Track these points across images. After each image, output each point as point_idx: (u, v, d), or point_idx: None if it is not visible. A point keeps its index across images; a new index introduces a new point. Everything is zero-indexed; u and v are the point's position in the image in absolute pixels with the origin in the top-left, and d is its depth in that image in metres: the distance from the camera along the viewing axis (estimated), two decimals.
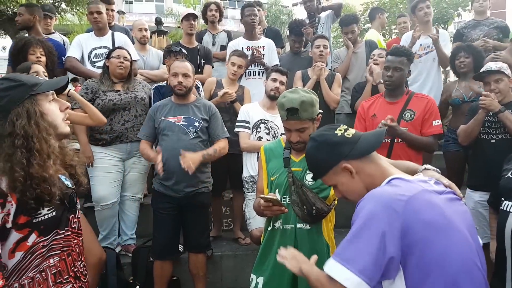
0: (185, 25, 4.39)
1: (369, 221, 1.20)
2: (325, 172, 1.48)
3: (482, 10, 4.67)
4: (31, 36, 3.40)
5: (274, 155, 2.18)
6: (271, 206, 1.92)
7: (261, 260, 2.13)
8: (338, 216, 4.06)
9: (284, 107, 1.98)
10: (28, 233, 1.38)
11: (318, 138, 1.50)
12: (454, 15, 18.30)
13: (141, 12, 26.05)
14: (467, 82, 3.70)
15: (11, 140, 1.33)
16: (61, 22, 13.44)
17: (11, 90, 1.37)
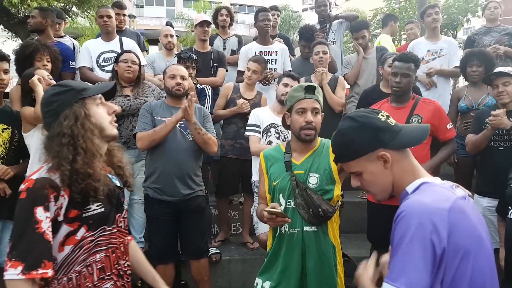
0: (199, 31, 4.42)
1: (418, 236, 1.10)
2: (356, 157, 1.34)
3: (494, 17, 4.68)
4: (37, 41, 3.43)
5: (275, 160, 2.18)
6: (275, 218, 1.91)
7: (269, 265, 2.12)
8: (346, 221, 4.08)
9: (302, 87, 2.09)
10: (78, 227, 1.46)
11: (360, 119, 1.34)
12: (463, 21, 18.22)
13: (151, 16, 26.31)
14: (477, 89, 3.70)
15: (59, 139, 1.45)
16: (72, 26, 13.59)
17: (62, 94, 1.50)
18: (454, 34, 18.37)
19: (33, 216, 1.34)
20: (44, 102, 1.53)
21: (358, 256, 3.57)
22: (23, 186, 1.39)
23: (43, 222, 1.35)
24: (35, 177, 1.41)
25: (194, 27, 4.61)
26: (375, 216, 2.97)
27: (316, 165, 2.08)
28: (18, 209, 1.37)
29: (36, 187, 1.38)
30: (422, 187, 1.27)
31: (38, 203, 1.36)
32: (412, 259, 1.09)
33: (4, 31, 11.72)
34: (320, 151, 2.14)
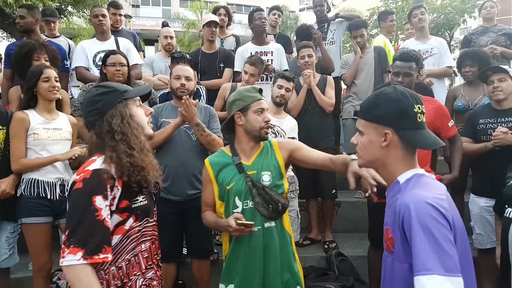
0: (206, 32, 4.39)
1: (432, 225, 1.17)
2: (371, 120, 1.39)
3: (490, 17, 4.69)
4: (34, 40, 3.38)
5: (223, 164, 2.20)
6: (243, 229, 2.00)
7: (229, 267, 2.18)
8: (343, 221, 4.13)
9: (255, 88, 2.22)
10: (127, 217, 1.58)
11: (400, 95, 1.36)
12: (459, 21, 18.29)
13: (148, 16, 26.22)
14: (474, 88, 3.71)
15: (111, 136, 1.58)
16: (68, 26, 13.55)
17: (105, 95, 1.63)
18: (450, 34, 18.44)
19: (92, 204, 1.44)
20: (88, 101, 1.64)
21: (355, 255, 3.59)
22: (78, 177, 1.48)
23: (102, 210, 1.45)
24: (92, 167, 1.51)
25: (202, 27, 4.58)
26: (377, 217, 2.97)
27: (266, 163, 2.17)
28: (75, 198, 1.46)
29: (94, 177, 1.48)
30: (414, 178, 1.34)
31: (97, 191, 1.46)
32: (437, 243, 1.14)
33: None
34: (267, 150, 2.22)
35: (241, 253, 2.12)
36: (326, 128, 3.90)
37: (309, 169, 3.94)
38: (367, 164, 1.47)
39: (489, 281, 3.11)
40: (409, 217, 1.20)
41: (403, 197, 1.28)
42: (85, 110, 1.65)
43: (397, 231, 1.26)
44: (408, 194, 1.28)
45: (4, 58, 4.11)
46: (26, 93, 2.77)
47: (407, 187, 1.33)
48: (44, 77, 2.74)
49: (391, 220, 1.32)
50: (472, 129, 3.14)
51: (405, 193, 1.30)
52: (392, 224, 1.31)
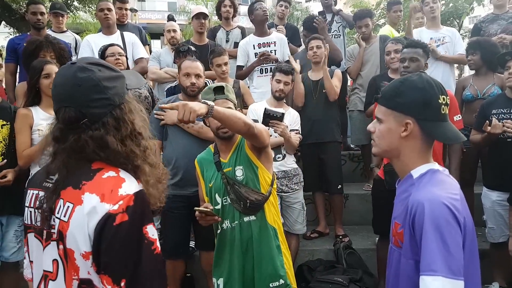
0: (195, 24, 4.38)
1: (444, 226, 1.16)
2: (392, 107, 1.33)
3: (501, 3, 4.59)
4: (43, 37, 3.40)
5: (207, 162, 2.28)
6: (204, 216, 2.04)
7: (217, 262, 2.25)
8: (351, 213, 4.11)
9: (211, 88, 2.18)
10: None
11: (426, 84, 1.30)
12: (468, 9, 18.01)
13: (153, 9, 26.21)
14: (483, 77, 3.66)
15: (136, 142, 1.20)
16: (74, 21, 13.56)
17: (115, 80, 1.19)
18: (459, 23, 18.17)
19: (145, 237, 1.08)
20: (95, 85, 1.14)
21: (363, 248, 3.58)
22: (116, 207, 1.06)
23: (157, 240, 1.11)
24: (133, 191, 1.11)
25: (191, 20, 4.56)
26: (381, 208, 2.95)
27: (239, 158, 2.20)
28: (123, 236, 1.05)
29: (139, 203, 1.10)
30: (429, 174, 1.30)
31: (146, 220, 1.11)
32: (445, 245, 1.13)
33: (6, 27, 11.72)
34: (239, 144, 2.23)
35: (226, 247, 2.19)
36: (331, 120, 3.85)
37: (314, 162, 3.98)
38: (382, 153, 1.42)
39: (501, 273, 3.09)
40: (421, 215, 1.18)
41: (417, 193, 1.25)
42: (86, 97, 1.13)
43: (407, 227, 1.24)
44: (422, 191, 1.24)
45: (7, 52, 4.13)
46: (30, 90, 2.79)
47: (421, 183, 1.29)
48: (45, 74, 2.75)
49: (402, 215, 1.29)
50: (484, 120, 3.06)
51: (419, 189, 1.27)
52: (402, 219, 1.28)
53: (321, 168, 3.80)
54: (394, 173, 2.74)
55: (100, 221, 1.04)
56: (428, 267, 1.13)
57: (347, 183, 4.11)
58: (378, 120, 1.38)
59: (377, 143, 1.40)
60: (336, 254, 3.51)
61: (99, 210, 1.05)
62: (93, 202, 1.06)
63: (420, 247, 1.17)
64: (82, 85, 1.13)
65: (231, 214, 2.16)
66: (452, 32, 4.51)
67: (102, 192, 1.07)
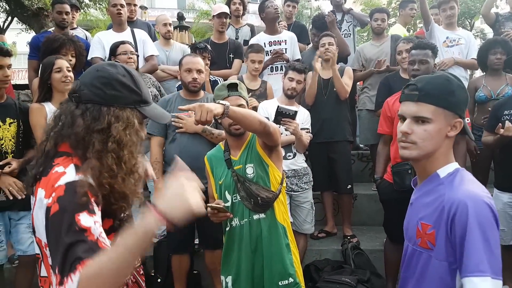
0: (216, 23, 4.36)
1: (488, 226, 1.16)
2: (445, 106, 1.27)
3: None
4: (65, 35, 3.43)
5: (217, 160, 2.27)
6: (216, 213, 2.02)
7: (226, 260, 2.25)
8: (359, 214, 4.08)
9: (224, 85, 2.16)
10: (114, 238, 1.26)
11: (463, 85, 1.35)
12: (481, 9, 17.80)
13: (163, 7, 26.21)
14: (496, 78, 3.61)
15: (104, 138, 1.22)
16: (85, 18, 13.64)
17: (127, 89, 1.26)
18: (471, 23, 17.98)
19: (77, 225, 1.07)
20: (104, 77, 1.24)
21: (371, 249, 3.55)
22: (50, 200, 1.10)
23: (91, 228, 1.09)
24: (64, 182, 1.13)
25: (212, 17, 4.56)
26: (391, 209, 2.93)
27: (250, 156, 2.18)
28: (56, 226, 1.07)
29: (69, 192, 1.11)
30: (459, 173, 1.30)
31: (78, 209, 1.10)
32: (489, 245, 1.13)
33: (18, 24, 11.84)
34: (251, 141, 2.22)
35: (235, 245, 2.19)
36: (341, 119, 3.82)
37: (323, 161, 3.95)
38: (422, 157, 1.31)
39: (510, 275, 3.05)
40: (465, 215, 1.16)
41: (454, 192, 1.22)
42: (92, 80, 1.25)
43: (443, 228, 1.21)
44: (460, 190, 1.22)
45: (31, 49, 4.17)
46: (42, 86, 2.81)
47: (453, 182, 1.26)
48: (56, 68, 2.76)
49: (434, 215, 1.25)
50: (496, 121, 3.01)
51: (454, 188, 1.24)
52: (434, 220, 1.25)
53: (331, 168, 3.77)
54: (403, 174, 2.75)
55: (45, 214, 1.11)
56: (476, 267, 1.12)
57: (355, 183, 4.08)
58: (422, 120, 1.28)
59: (420, 145, 1.28)
60: (344, 255, 3.49)
61: (43, 204, 1.12)
62: (41, 196, 1.14)
63: (460, 247, 1.16)
64: (99, 71, 1.26)
65: (241, 212, 2.15)
66: (467, 35, 4.46)
67: (46, 187, 1.14)
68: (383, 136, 3.18)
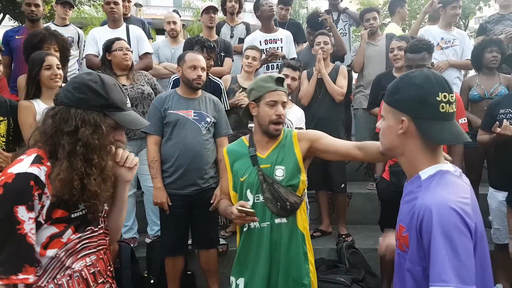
0: (205, 18, 4.33)
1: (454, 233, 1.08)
2: (389, 103, 1.30)
3: (507, 3, 4.55)
4: (45, 30, 3.38)
5: (239, 155, 2.13)
6: (244, 216, 1.89)
7: (240, 261, 2.12)
8: (354, 213, 4.07)
9: (273, 78, 2.03)
10: (64, 228, 1.34)
11: (423, 80, 1.23)
12: (475, 9, 17.93)
13: (159, 5, 26.10)
14: (490, 77, 3.62)
15: (72, 142, 1.30)
16: (79, 15, 13.55)
17: (93, 93, 1.34)
18: (465, 23, 18.08)
19: (13, 215, 1.20)
20: (76, 83, 1.36)
21: (366, 248, 3.54)
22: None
23: (25, 223, 1.22)
24: (16, 171, 1.25)
25: (200, 15, 4.53)
26: (388, 206, 2.92)
27: (281, 157, 2.05)
28: None
29: (16, 183, 1.23)
30: (438, 176, 1.22)
31: (19, 201, 1.22)
32: (457, 253, 1.06)
33: (11, 21, 11.72)
34: (284, 143, 2.09)
35: (252, 247, 2.06)
36: (336, 119, 3.81)
37: (317, 160, 3.91)
38: (385, 151, 1.37)
39: (505, 274, 3.05)
40: (429, 222, 1.11)
41: (424, 196, 1.18)
42: (68, 85, 1.37)
43: (413, 233, 1.17)
44: (430, 195, 1.17)
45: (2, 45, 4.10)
46: (30, 83, 2.75)
47: (430, 185, 1.21)
48: (46, 65, 2.71)
49: (407, 218, 1.22)
50: (491, 120, 3.01)
51: (426, 192, 1.19)
52: (408, 223, 1.22)
53: (325, 167, 3.76)
54: (400, 174, 2.74)
55: None
56: (438, 277, 1.06)
57: (350, 182, 4.07)
58: (382, 117, 1.35)
59: (381, 141, 1.37)
60: (338, 254, 3.48)
61: None
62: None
63: (429, 254, 1.10)
64: (75, 78, 1.40)
65: (262, 214, 2.01)
66: (462, 36, 4.47)
67: (3, 171, 1.28)
68: None
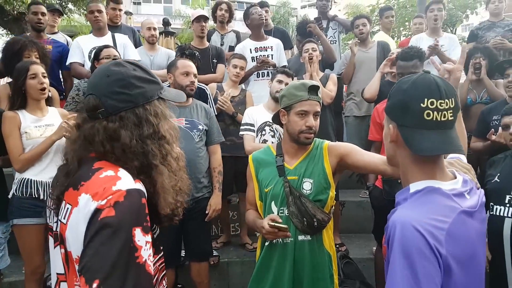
0: (196, 27, 4.30)
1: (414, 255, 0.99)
2: (385, 110, 1.22)
3: (498, 12, 4.61)
4: (25, 37, 3.33)
5: (265, 163, 2.03)
6: (276, 232, 1.78)
7: (259, 276, 2.00)
8: (347, 221, 4.02)
9: (306, 86, 1.90)
10: None
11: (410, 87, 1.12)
12: (462, 17, 18.19)
13: (149, 13, 26.12)
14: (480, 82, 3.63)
15: (159, 144, 1.17)
16: (68, 23, 13.46)
17: (146, 83, 1.20)
18: (453, 30, 18.32)
19: (132, 240, 0.98)
20: (121, 80, 1.15)
21: (360, 257, 3.49)
22: (104, 202, 1.00)
23: (142, 249, 1.00)
24: (124, 187, 1.03)
25: (191, 23, 4.50)
26: (381, 214, 2.88)
27: (310, 170, 1.94)
28: (106, 234, 0.96)
29: (131, 201, 1.02)
30: (424, 191, 1.12)
31: (135, 222, 1.01)
32: (416, 276, 0.96)
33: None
34: (314, 154, 1.99)
35: (273, 262, 1.94)
36: (325, 124, 3.76)
37: None
38: (388, 160, 1.28)
39: None
40: (393, 239, 1.03)
41: (398, 212, 1.10)
42: (108, 88, 1.14)
43: (388, 245, 1.10)
44: (403, 211, 1.09)
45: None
46: (16, 93, 2.68)
47: (411, 200, 1.12)
48: (31, 74, 2.64)
49: (387, 230, 1.14)
50: (484, 127, 3.00)
51: (403, 208, 1.11)
52: (386, 235, 1.14)
53: None
54: (393, 182, 2.71)
55: (89, 219, 0.99)
56: None
57: (343, 190, 4.03)
58: None
59: (385, 147, 1.28)
60: None
61: (88, 208, 1.00)
62: (85, 200, 1.02)
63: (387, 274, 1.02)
64: (110, 76, 1.16)
65: None
66: (450, 39, 4.49)
67: (96, 191, 1.02)
68: (374, 143, 3.15)
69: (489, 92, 3.46)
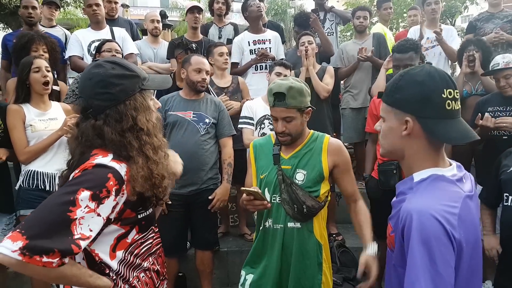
0: (189, 19, 4.33)
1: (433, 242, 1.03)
2: (390, 103, 1.22)
3: (497, 2, 4.58)
4: (34, 31, 3.36)
5: (264, 152, 2.09)
6: (252, 200, 1.85)
7: (253, 259, 2.09)
8: (344, 211, 4.02)
9: (271, 92, 1.93)
10: (130, 228, 1.32)
11: (426, 78, 1.14)
12: (461, 8, 18.13)
13: (145, 5, 25.99)
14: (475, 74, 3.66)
15: (135, 134, 1.30)
16: (65, 16, 13.41)
17: (125, 79, 1.31)
18: (452, 21, 18.27)
19: (74, 195, 1.12)
20: (100, 80, 1.28)
21: (356, 247, 3.55)
22: (77, 171, 1.20)
23: (80, 208, 1.12)
24: (98, 162, 1.21)
25: (185, 15, 4.52)
26: (376, 204, 2.94)
27: (304, 162, 1.99)
28: (60, 185, 1.21)
29: (94, 171, 1.19)
30: (430, 180, 1.17)
31: (88, 186, 1.15)
32: (434, 263, 1.02)
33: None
34: (312, 146, 2.03)
35: (265, 247, 2.02)
36: (323, 117, 3.79)
37: None
38: (387, 155, 1.29)
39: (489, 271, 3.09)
40: (409, 228, 1.07)
41: (410, 201, 1.13)
42: (92, 90, 1.28)
43: (398, 235, 1.15)
44: (414, 200, 1.13)
45: (1, 49, 4.06)
46: (20, 87, 2.73)
47: (419, 189, 1.16)
48: (35, 68, 2.69)
49: (394, 219, 1.20)
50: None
51: (413, 197, 1.15)
52: (394, 224, 1.19)
53: None
54: (389, 173, 2.75)
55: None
56: (411, 285, 1.02)
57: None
58: (382, 118, 1.27)
59: (381, 143, 1.29)
60: None
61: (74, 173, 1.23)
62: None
63: (407, 261, 1.07)
64: (92, 78, 1.29)
65: (276, 215, 1.97)
66: (448, 31, 4.50)
67: (82, 167, 1.22)
68: (371, 135, 3.19)
69: (484, 84, 3.50)
